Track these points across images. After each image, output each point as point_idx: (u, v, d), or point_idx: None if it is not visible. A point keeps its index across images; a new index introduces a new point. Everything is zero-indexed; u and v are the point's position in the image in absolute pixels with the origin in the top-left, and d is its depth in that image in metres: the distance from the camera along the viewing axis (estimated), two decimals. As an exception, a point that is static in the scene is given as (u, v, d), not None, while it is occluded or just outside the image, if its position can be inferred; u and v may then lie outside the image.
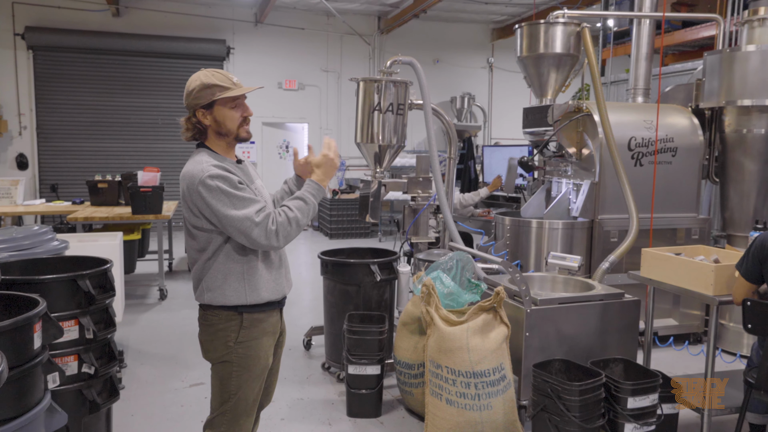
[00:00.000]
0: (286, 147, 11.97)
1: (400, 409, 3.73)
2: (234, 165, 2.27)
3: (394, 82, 4.06)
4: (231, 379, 2.24)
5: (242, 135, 2.28)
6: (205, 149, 2.27)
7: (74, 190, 9.75)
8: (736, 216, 4.91)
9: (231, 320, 2.23)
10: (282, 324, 2.46)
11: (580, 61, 5.09)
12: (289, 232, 2.17)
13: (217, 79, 2.20)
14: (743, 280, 2.82)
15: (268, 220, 2.13)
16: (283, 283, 2.36)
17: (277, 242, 2.16)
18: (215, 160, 2.21)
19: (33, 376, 1.97)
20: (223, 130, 2.24)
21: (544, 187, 5.36)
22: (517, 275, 3.26)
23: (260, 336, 2.27)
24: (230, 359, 2.23)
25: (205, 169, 2.13)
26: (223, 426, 2.26)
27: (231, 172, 2.17)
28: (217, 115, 2.22)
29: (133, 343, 4.86)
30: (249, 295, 2.22)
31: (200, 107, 2.21)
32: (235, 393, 2.24)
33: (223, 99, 2.19)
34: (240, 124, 2.25)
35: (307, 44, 11.36)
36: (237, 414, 2.26)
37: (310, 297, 6.46)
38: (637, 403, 2.79)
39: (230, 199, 2.11)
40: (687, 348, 4.62)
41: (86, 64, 10.33)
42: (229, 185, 2.12)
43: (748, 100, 4.64)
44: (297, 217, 2.19)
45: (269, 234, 2.13)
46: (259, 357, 2.27)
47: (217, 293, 2.21)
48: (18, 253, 3.16)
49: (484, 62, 12.48)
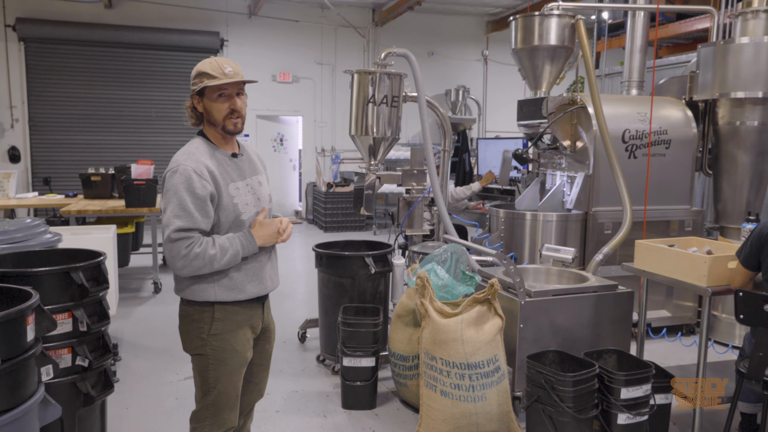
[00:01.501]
0: (281, 140, 11.93)
1: (394, 400, 3.74)
2: (226, 158, 2.26)
3: (389, 74, 4.05)
4: (208, 371, 2.24)
5: (228, 127, 2.24)
6: (201, 137, 2.28)
7: (67, 184, 9.70)
8: (729, 208, 4.94)
9: (204, 312, 2.22)
10: (266, 319, 2.42)
11: (575, 53, 5.09)
12: (195, 266, 2.11)
13: (210, 67, 2.19)
14: (741, 267, 2.85)
15: (184, 243, 2.08)
16: (263, 281, 2.32)
17: (179, 268, 2.12)
18: (205, 150, 2.21)
19: (26, 368, 1.96)
20: (211, 119, 2.24)
21: (538, 179, 5.37)
22: (512, 267, 3.27)
23: (235, 329, 2.25)
24: (205, 352, 2.23)
25: (181, 162, 2.14)
26: (207, 420, 2.26)
27: (209, 171, 2.15)
28: (206, 104, 2.22)
29: (128, 336, 4.86)
30: (218, 293, 2.20)
31: (195, 94, 2.22)
32: (214, 386, 2.24)
33: (210, 88, 2.19)
34: (226, 116, 2.22)
35: (301, 37, 11.30)
36: (219, 407, 2.26)
37: (305, 290, 6.46)
38: (630, 394, 2.81)
39: (176, 201, 2.10)
40: (680, 339, 4.65)
41: (79, 56, 10.24)
42: (186, 189, 2.10)
43: (742, 92, 4.65)
44: (214, 256, 2.12)
45: (176, 255, 2.09)
46: (235, 350, 2.25)
47: (189, 288, 2.21)
48: (10, 246, 3.14)
49: (478, 55, 12.46)
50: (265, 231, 2.26)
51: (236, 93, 2.23)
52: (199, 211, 2.12)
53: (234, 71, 2.21)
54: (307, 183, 11.77)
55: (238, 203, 2.23)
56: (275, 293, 2.52)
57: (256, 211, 2.30)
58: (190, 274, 2.15)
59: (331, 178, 11.44)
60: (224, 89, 2.20)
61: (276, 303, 5.55)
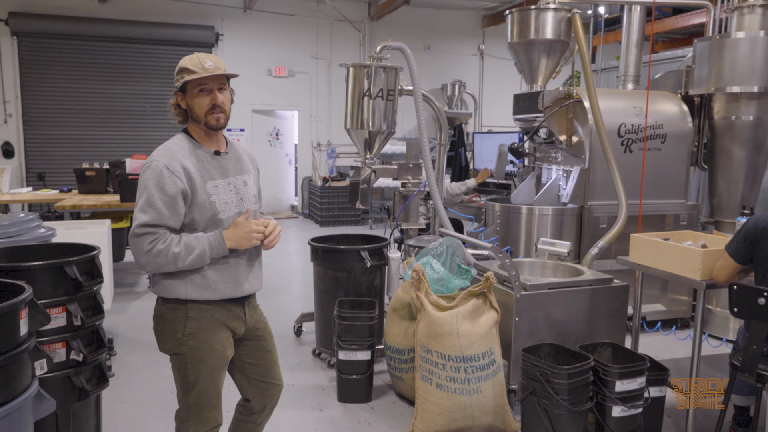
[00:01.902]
0: (276, 135, 11.90)
1: (390, 394, 3.75)
2: (207, 155, 2.22)
3: (384, 67, 4.04)
4: (187, 371, 2.19)
5: (210, 122, 2.19)
6: (184, 134, 2.25)
7: (61, 179, 9.65)
8: (724, 202, 4.95)
9: (177, 311, 2.17)
10: (250, 320, 2.34)
11: (571, 47, 5.09)
12: (158, 263, 2.07)
13: (191, 63, 2.16)
14: (730, 260, 2.85)
15: (147, 238, 2.06)
16: (239, 283, 2.24)
17: (142, 264, 2.09)
18: (185, 147, 2.18)
19: (20, 362, 1.95)
20: (194, 115, 2.21)
21: (534, 173, 5.37)
22: (507, 261, 3.27)
23: (211, 328, 2.20)
24: (182, 351, 2.18)
25: (156, 157, 2.12)
26: (191, 420, 2.23)
27: (184, 167, 2.11)
28: (188, 100, 2.19)
29: (123, 331, 4.85)
30: (189, 291, 2.15)
31: (178, 90, 2.20)
32: (194, 385, 2.20)
33: (190, 83, 2.15)
34: (208, 111, 2.17)
35: (296, 31, 11.26)
36: (201, 406, 2.22)
37: (300, 284, 6.46)
38: (624, 386, 2.82)
39: (145, 196, 2.08)
40: (674, 333, 4.66)
41: (72, 51, 10.17)
42: (156, 185, 2.07)
43: (737, 86, 4.65)
44: (178, 254, 2.07)
45: (139, 251, 2.07)
46: (213, 349, 2.20)
47: (161, 285, 2.18)
48: (4, 241, 3.13)
49: (474, 49, 12.44)
50: (238, 232, 2.17)
51: (218, 88, 2.19)
52: (167, 207, 2.08)
53: (215, 65, 2.17)
54: (303, 177, 11.76)
55: (216, 201, 2.18)
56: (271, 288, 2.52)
57: (237, 211, 2.24)
58: (154, 271, 2.12)
59: (327, 173, 11.43)
60: (204, 84, 2.16)
61: (272, 297, 5.59)
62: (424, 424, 3.11)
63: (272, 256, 7.36)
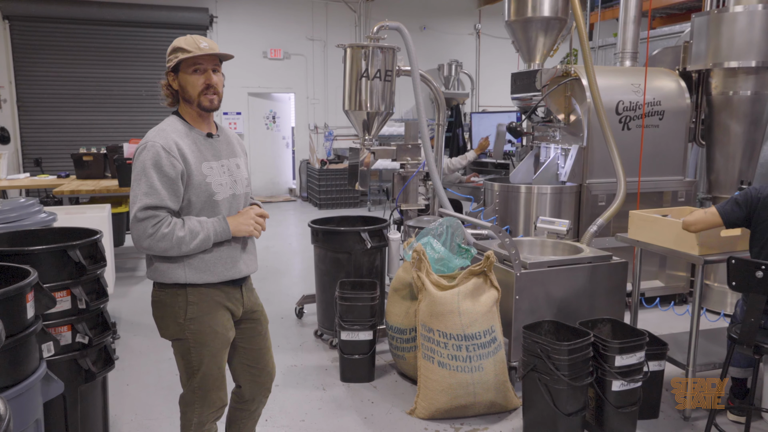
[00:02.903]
0: (273, 118, 11.85)
1: (392, 373, 3.79)
2: (200, 137, 2.21)
3: (382, 48, 4.02)
4: (191, 355, 2.20)
5: (204, 103, 2.17)
6: (176, 116, 2.23)
7: (59, 164, 9.63)
8: (722, 178, 4.97)
9: (177, 296, 2.17)
10: (247, 303, 2.35)
11: (568, 25, 5.06)
12: (162, 247, 2.06)
13: (185, 42, 2.14)
14: (715, 216, 2.89)
15: (150, 221, 2.04)
16: (237, 265, 2.25)
17: (145, 248, 2.07)
18: (179, 128, 2.17)
19: (28, 345, 1.97)
20: (186, 96, 2.18)
21: (532, 152, 5.38)
22: (507, 240, 3.29)
23: (212, 311, 2.20)
24: (184, 336, 2.18)
25: (150, 138, 2.09)
26: (197, 403, 2.25)
27: (179, 148, 2.10)
28: (181, 80, 2.17)
29: (126, 314, 4.88)
30: (188, 274, 2.15)
31: (170, 70, 2.17)
32: (198, 368, 2.20)
33: (185, 62, 2.13)
34: (201, 92, 2.15)
35: (291, 12, 11.15)
36: (206, 389, 2.24)
37: (301, 266, 6.48)
38: (624, 361, 2.86)
39: (144, 179, 2.05)
40: (673, 308, 4.71)
41: (66, 35, 10.08)
42: (154, 166, 2.05)
43: (735, 61, 4.65)
44: (182, 239, 2.07)
45: (142, 235, 2.05)
46: (215, 332, 2.21)
47: (159, 270, 2.16)
48: (5, 226, 3.13)
49: (471, 29, 12.34)
50: (241, 220, 2.21)
51: (212, 69, 2.18)
52: (167, 189, 2.07)
53: (209, 46, 2.16)
54: (300, 160, 11.73)
55: (212, 183, 2.17)
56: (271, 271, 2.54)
57: (232, 193, 2.24)
58: (157, 254, 2.11)
59: (324, 155, 11.40)
60: (199, 63, 2.15)
61: (272, 280, 5.62)
62: (426, 402, 3.16)
63: (271, 239, 7.37)
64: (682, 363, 3.21)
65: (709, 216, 2.92)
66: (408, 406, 3.32)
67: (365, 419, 3.22)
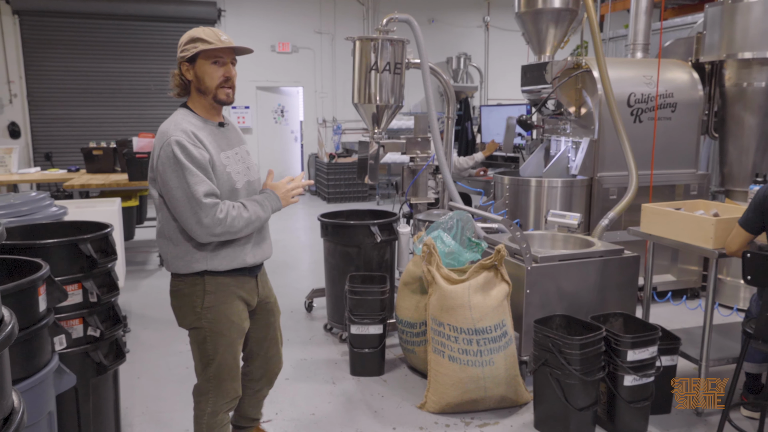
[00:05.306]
0: (281, 111, 11.84)
1: (402, 367, 3.79)
2: (214, 128, 2.23)
3: (391, 40, 3.99)
4: (206, 344, 2.24)
5: (220, 96, 2.19)
6: (186, 109, 2.23)
7: (69, 158, 9.67)
8: (735, 171, 4.91)
9: (195, 285, 2.21)
10: (261, 292, 2.41)
11: (579, 16, 5.00)
12: (232, 229, 2.10)
13: (205, 34, 2.17)
14: (741, 229, 2.84)
15: (215, 208, 2.07)
16: (255, 250, 2.29)
17: (216, 232, 2.09)
18: (193, 120, 2.17)
19: (40, 338, 1.98)
20: (203, 87, 2.18)
21: (542, 145, 5.34)
22: (518, 233, 3.27)
23: (228, 300, 2.24)
24: (201, 325, 2.23)
25: (171, 133, 2.09)
26: (211, 392, 2.29)
27: (199, 139, 2.11)
28: (198, 71, 2.17)
29: (136, 308, 4.90)
30: (210, 262, 2.19)
31: (185, 60, 2.17)
32: (214, 358, 2.25)
33: (204, 53, 2.14)
34: (220, 84, 2.18)
35: (299, 5, 11.12)
36: (221, 379, 2.27)
37: (310, 260, 6.48)
38: (636, 356, 2.83)
39: (183, 171, 2.05)
40: (685, 303, 4.67)
41: (75, 29, 10.11)
42: (186, 157, 2.05)
43: (749, 52, 4.58)
44: (250, 219, 2.15)
45: (214, 221, 2.06)
46: (231, 321, 2.25)
47: (182, 260, 2.20)
48: (17, 219, 3.14)
49: (480, 21, 12.26)
50: (282, 191, 2.32)
51: (230, 61, 2.22)
52: (206, 174, 2.10)
53: (229, 39, 2.20)
54: (309, 154, 11.72)
55: (231, 172, 2.21)
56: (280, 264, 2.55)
57: (247, 179, 2.28)
58: (224, 237, 2.13)
59: (333, 149, 11.39)
60: (220, 56, 2.17)
61: (281, 274, 5.62)
62: (437, 396, 3.15)
63: (280, 233, 7.38)
64: (695, 358, 3.18)
65: (737, 231, 2.87)
66: (418, 400, 3.31)
67: (375, 413, 3.22)
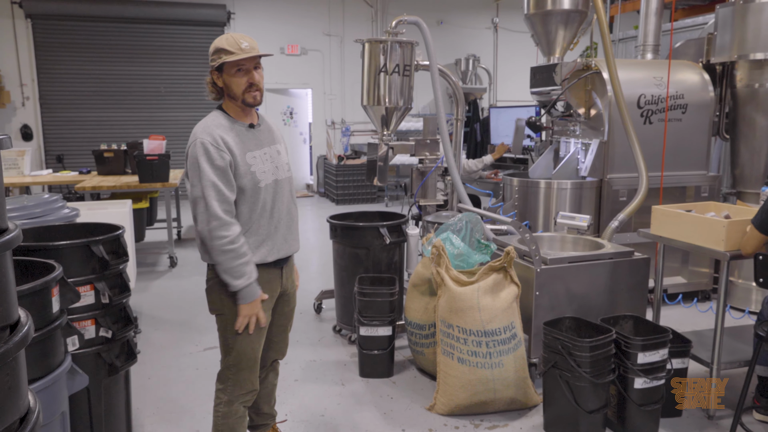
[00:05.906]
0: (290, 113, 11.88)
1: (411, 369, 3.79)
2: (243, 129, 2.34)
3: (400, 42, 4.01)
4: (227, 331, 2.36)
5: (247, 100, 2.32)
6: (219, 110, 2.37)
7: (80, 160, 9.75)
8: (747, 172, 4.87)
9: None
10: (284, 283, 2.51)
11: (589, 18, 4.99)
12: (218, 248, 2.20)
13: (227, 43, 2.26)
14: (756, 231, 2.81)
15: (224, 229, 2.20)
16: (280, 245, 2.40)
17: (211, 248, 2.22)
18: (222, 123, 2.30)
19: (53, 338, 2.00)
20: (231, 93, 2.32)
21: (552, 147, 5.32)
22: (527, 235, 3.27)
23: None
24: (225, 312, 2.34)
25: (198, 135, 2.24)
26: (230, 380, 2.40)
27: (225, 141, 2.23)
28: (225, 79, 2.31)
29: (147, 309, 4.93)
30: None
31: (214, 69, 2.31)
32: (233, 346, 2.36)
33: (228, 64, 2.26)
34: (245, 90, 2.30)
35: (308, 8, 11.16)
36: (239, 368, 2.38)
37: (319, 262, 6.50)
38: (647, 358, 2.82)
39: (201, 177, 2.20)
40: (696, 305, 4.64)
41: (86, 32, 10.20)
42: (207, 160, 2.19)
43: (761, 53, 4.54)
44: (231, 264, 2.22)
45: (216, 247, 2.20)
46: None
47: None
48: (30, 221, 3.18)
49: (488, 22, 12.25)
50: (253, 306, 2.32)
51: (254, 67, 2.31)
52: (222, 181, 2.22)
53: (250, 46, 2.28)
54: (317, 156, 11.75)
55: (256, 171, 2.32)
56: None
57: (274, 178, 2.38)
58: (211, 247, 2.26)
59: (341, 151, 11.41)
60: (242, 64, 2.27)
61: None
62: (446, 398, 3.15)
63: (289, 234, 7.38)
64: (706, 361, 3.15)
65: (751, 233, 2.84)
66: (427, 401, 3.31)
67: (384, 415, 3.22)
